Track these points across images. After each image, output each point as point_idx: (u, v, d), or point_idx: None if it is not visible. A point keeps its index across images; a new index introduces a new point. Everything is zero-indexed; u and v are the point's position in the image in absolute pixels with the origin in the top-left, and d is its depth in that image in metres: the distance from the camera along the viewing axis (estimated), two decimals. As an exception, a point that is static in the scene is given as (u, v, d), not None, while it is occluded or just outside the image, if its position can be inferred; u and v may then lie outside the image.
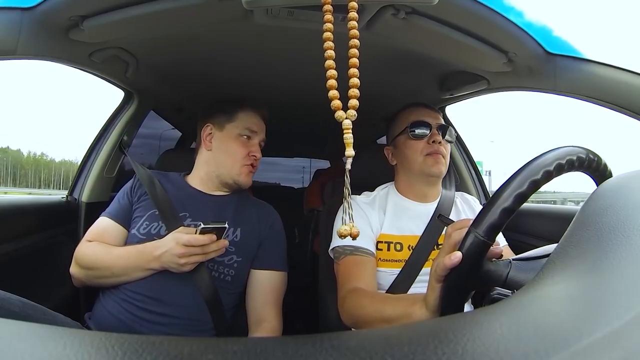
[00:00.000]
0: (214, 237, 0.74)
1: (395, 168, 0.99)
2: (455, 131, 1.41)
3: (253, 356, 0.19)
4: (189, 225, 0.86)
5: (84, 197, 1.21)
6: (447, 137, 0.93)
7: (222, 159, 0.94)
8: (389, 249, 0.86)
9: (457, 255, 0.44)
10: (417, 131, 0.92)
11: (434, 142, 0.90)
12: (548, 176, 0.42)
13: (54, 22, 0.72)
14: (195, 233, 0.74)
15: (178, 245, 0.74)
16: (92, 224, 0.94)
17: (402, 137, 0.95)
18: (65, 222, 1.16)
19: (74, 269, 0.87)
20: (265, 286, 0.91)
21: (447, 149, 0.93)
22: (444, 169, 0.91)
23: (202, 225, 0.73)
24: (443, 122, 0.95)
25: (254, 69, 1.12)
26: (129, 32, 0.81)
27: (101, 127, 1.26)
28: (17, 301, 0.63)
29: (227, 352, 0.19)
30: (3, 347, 0.19)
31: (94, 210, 1.08)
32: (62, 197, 1.22)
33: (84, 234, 0.94)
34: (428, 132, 0.91)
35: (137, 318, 0.79)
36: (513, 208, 0.42)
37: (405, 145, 0.94)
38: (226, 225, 0.75)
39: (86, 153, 1.25)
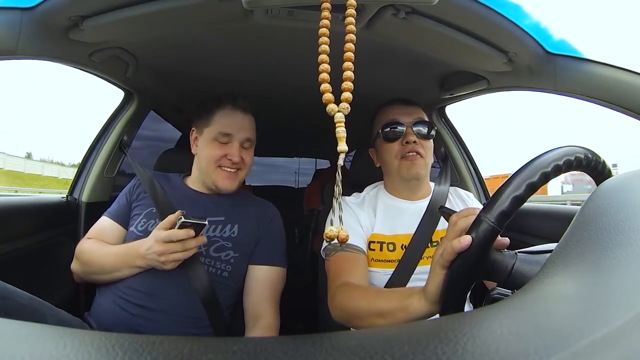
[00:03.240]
0: (191, 232, 0.75)
1: (381, 169, 0.98)
2: (452, 130, 1.42)
3: (253, 356, 0.19)
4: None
5: (84, 197, 1.21)
6: (423, 133, 0.89)
7: (202, 162, 0.94)
8: (381, 249, 0.85)
9: (467, 238, 0.44)
10: (390, 133, 0.89)
11: (407, 142, 0.87)
12: (557, 171, 0.42)
13: (54, 22, 0.72)
14: (176, 227, 0.74)
15: (157, 242, 0.75)
16: (92, 224, 0.95)
17: (378, 140, 0.93)
18: (65, 222, 1.16)
19: (74, 264, 0.90)
20: (262, 281, 0.91)
21: (426, 145, 0.89)
22: (422, 171, 0.88)
23: (183, 219, 0.74)
24: (421, 117, 0.91)
25: (254, 68, 1.12)
26: (129, 32, 0.81)
27: (101, 127, 1.26)
28: (25, 295, 0.65)
29: (227, 352, 0.19)
30: (3, 347, 0.19)
31: (94, 210, 1.08)
32: (62, 197, 1.22)
33: (84, 234, 0.95)
34: (402, 132, 0.88)
35: (131, 315, 0.79)
36: (524, 197, 0.42)
37: (381, 148, 0.93)
38: (206, 223, 0.76)
39: (86, 153, 1.25)
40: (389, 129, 0.90)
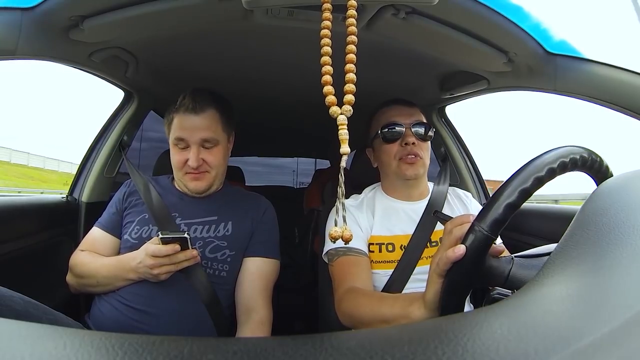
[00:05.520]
0: (177, 247, 0.75)
1: (379, 169, 0.99)
2: (452, 130, 1.42)
3: (253, 356, 0.19)
4: (179, 225, 0.88)
5: (84, 197, 1.21)
6: (421, 134, 0.89)
7: (173, 168, 0.93)
8: (380, 251, 0.86)
9: (461, 248, 0.44)
10: (389, 134, 0.90)
11: (406, 144, 0.88)
12: (551, 174, 0.42)
13: (54, 22, 0.72)
14: (159, 243, 0.75)
15: (147, 256, 0.76)
16: (92, 224, 0.95)
17: (377, 141, 0.93)
18: (65, 222, 1.16)
19: (68, 277, 0.90)
20: (256, 274, 0.90)
21: (424, 147, 0.90)
22: (421, 170, 0.89)
23: (161, 235, 0.74)
24: (419, 119, 0.92)
25: (254, 68, 1.12)
26: (129, 32, 0.81)
27: (101, 127, 1.26)
28: (19, 299, 0.64)
29: (227, 352, 0.19)
30: (3, 347, 0.19)
31: (94, 210, 1.08)
32: (62, 197, 1.22)
33: (84, 234, 0.95)
34: (401, 133, 0.89)
35: (132, 320, 0.79)
36: (517, 203, 0.42)
37: (380, 149, 0.93)
38: (186, 236, 0.75)
39: (86, 153, 1.25)
40: (388, 130, 0.90)
